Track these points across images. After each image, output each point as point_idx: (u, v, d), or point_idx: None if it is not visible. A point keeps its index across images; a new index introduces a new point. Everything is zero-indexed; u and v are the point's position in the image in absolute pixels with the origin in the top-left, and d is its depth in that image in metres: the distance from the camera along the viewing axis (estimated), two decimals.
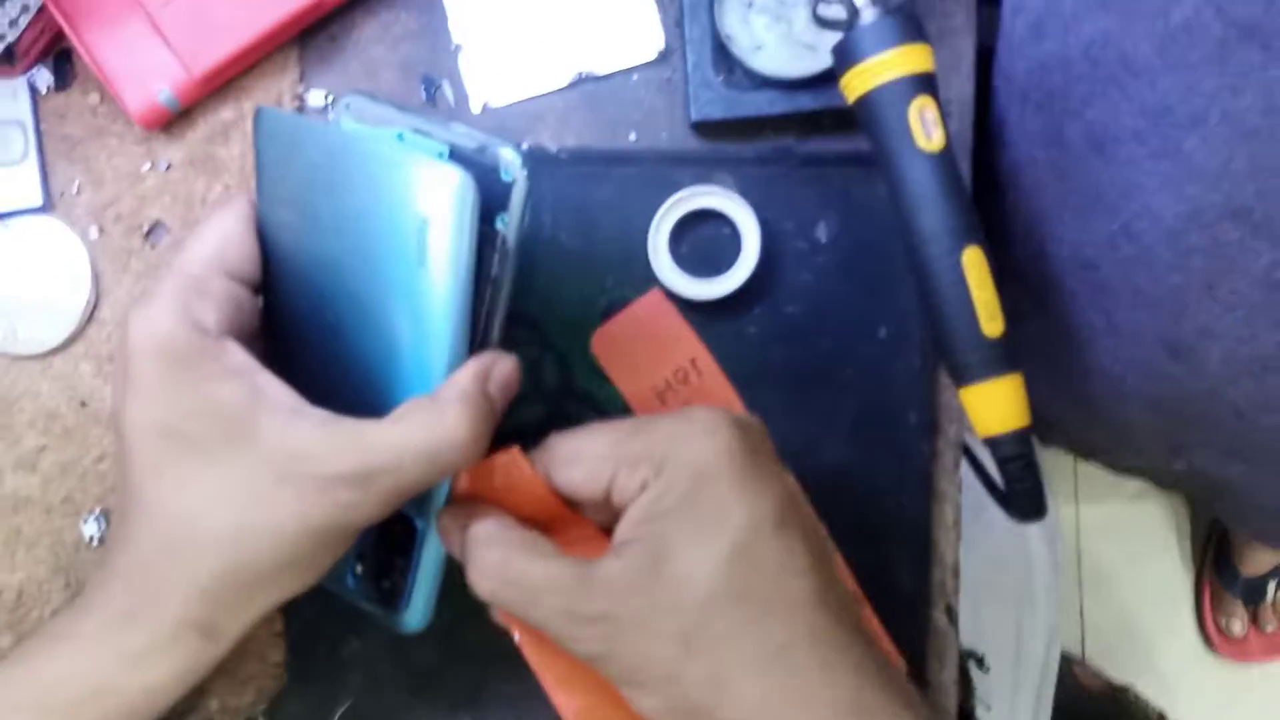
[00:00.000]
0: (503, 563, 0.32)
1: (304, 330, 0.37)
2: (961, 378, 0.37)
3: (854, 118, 0.38)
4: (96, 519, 0.45)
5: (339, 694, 0.45)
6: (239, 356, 0.33)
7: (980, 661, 0.60)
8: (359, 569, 0.38)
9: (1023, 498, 0.37)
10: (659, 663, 0.31)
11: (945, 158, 0.37)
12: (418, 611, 0.36)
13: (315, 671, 0.45)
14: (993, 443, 0.37)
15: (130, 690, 0.32)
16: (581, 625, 0.31)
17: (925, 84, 0.36)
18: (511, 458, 0.34)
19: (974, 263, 0.36)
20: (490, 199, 0.35)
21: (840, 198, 0.46)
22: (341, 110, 0.36)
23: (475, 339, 0.36)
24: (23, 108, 0.46)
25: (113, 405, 0.34)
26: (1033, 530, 0.65)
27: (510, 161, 0.35)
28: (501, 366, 0.34)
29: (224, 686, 0.45)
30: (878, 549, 0.46)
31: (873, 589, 0.45)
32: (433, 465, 0.32)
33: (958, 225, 0.36)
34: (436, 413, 0.32)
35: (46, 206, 0.46)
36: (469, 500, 0.35)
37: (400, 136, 0.35)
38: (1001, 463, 0.37)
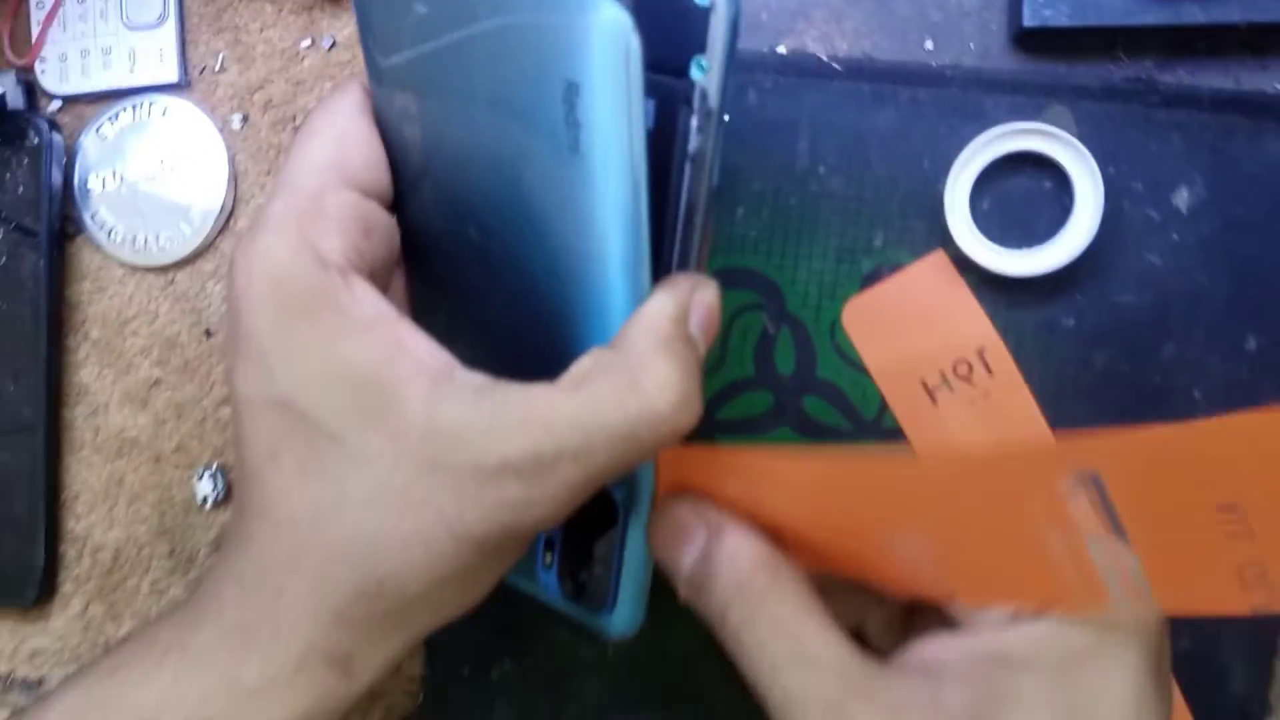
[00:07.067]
0: (774, 618, 0.25)
1: (445, 256, 0.28)
2: None
3: (1251, 41, 0.26)
4: (213, 475, 0.37)
5: None
6: (373, 301, 0.25)
7: None
8: (548, 559, 0.30)
9: None
10: None
11: None
12: (626, 611, 0.29)
13: (457, 694, 0.37)
14: None
15: None
16: None
17: None
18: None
19: None
20: (680, 37, 0.24)
21: (1212, 154, 0.34)
22: None
23: (672, 249, 0.26)
24: None
25: (225, 367, 0.26)
26: None
27: None
28: (702, 296, 0.25)
29: None
30: (1204, 634, 0.35)
31: (1192, 685, 0.35)
32: (630, 446, 0.23)
33: None
34: (629, 374, 0.23)
35: (183, 84, 0.37)
36: (690, 492, 0.27)
37: None
38: None
